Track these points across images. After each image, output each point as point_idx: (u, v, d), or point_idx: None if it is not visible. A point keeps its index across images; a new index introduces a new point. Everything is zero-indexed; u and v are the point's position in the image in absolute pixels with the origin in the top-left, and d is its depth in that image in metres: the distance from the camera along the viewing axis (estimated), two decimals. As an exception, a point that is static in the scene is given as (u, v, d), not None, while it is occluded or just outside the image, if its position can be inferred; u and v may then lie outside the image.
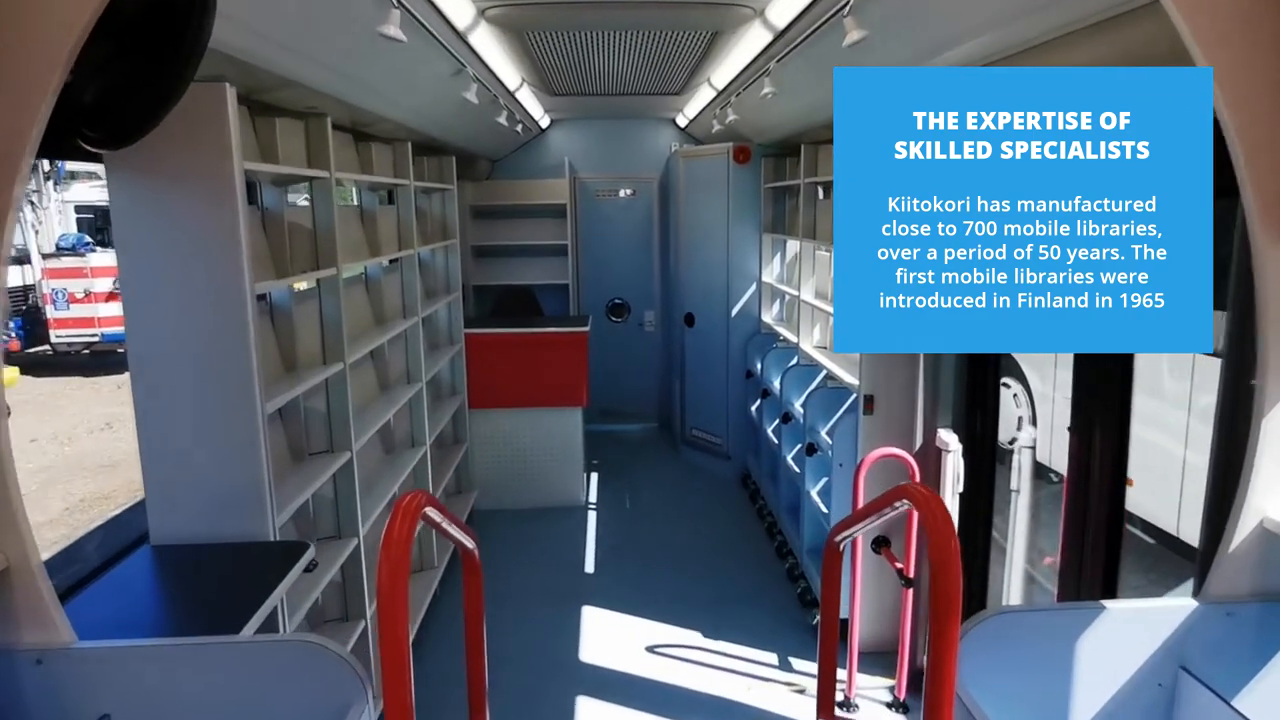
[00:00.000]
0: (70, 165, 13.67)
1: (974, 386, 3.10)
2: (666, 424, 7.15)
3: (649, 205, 6.97)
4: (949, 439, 3.11)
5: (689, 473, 6.05)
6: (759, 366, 5.32)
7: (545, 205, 6.75)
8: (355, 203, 3.94)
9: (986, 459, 3.06)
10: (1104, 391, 2.33)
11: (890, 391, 3.30)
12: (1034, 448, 4.21)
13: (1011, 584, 3.15)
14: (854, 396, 3.98)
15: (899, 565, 3.19)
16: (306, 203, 2.96)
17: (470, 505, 5.19)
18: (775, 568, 4.43)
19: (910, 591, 3.16)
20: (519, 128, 5.43)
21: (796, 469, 4.40)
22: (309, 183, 2.80)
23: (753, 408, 5.59)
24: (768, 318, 5.55)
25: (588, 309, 7.06)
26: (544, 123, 6.63)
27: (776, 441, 4.83)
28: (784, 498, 4.65)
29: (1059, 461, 4.75)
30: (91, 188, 14.16)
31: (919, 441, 3.26)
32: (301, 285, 3.16)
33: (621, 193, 6.98)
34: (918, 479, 3.07)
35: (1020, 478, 3.10)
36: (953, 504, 3.16)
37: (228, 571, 2.01)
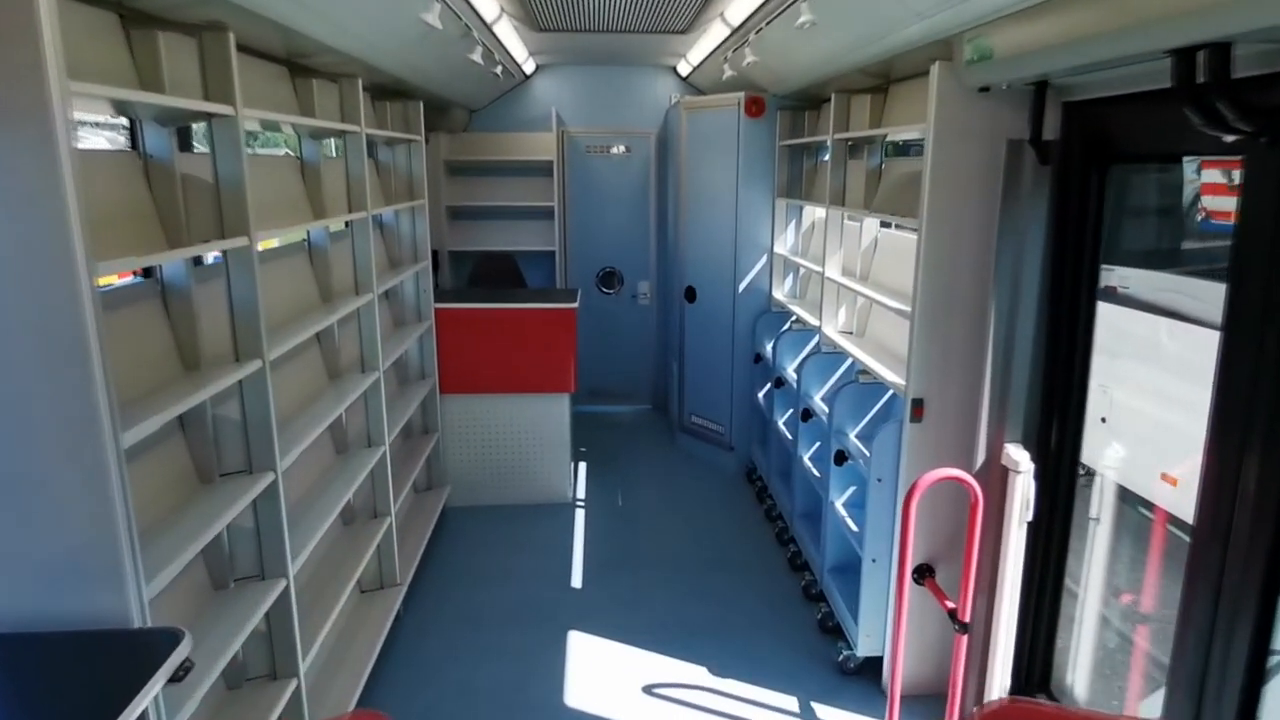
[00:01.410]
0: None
1: (1053, 390, 2.50)
2: (662, 407, 6.56)
3: (645, 163, 6.27)
4: (1019, 457, 2.53)
5: (687, 464, 5.48)
6: (769, 350, 4.71)
7: (530, 162, 6.05)
8: (296, 153, 3.23)
9: (1065, 482, 2.48)
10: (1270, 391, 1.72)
11: (946, 395, 2.70)
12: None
13: (1082, 633, 2.60)
14: (889, 394, 3.40)
15: (950, 605, 2.63)
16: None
17: (442, 502, 4.59)
18: (789, 584, 3.89)
19: (965, 638, 2.61)
20: (498, 70, 4.70)
21: (816, 473, 3.83)
22: (207, 123, 2.12)
23: (760, 394, 5.00)
24: (779, 294, 4.92)
25: (576, 279, 6.41)
26: (528, 68, 5.88)
27: (790, 437, 4.24)
28: (799, 502, 4.09)
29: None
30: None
31: (980, 458, 2.67)
32: (212, 256, 2.50)
33: (615, 149, 6.27)
34: (981, 505, 2.49)
35: (1101, 504, 2.53)
36: (1019, 535, 2.60)
37: (56, 681, 1.40)
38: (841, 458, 3.23)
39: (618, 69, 6.12)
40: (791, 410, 4.47)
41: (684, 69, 5.86)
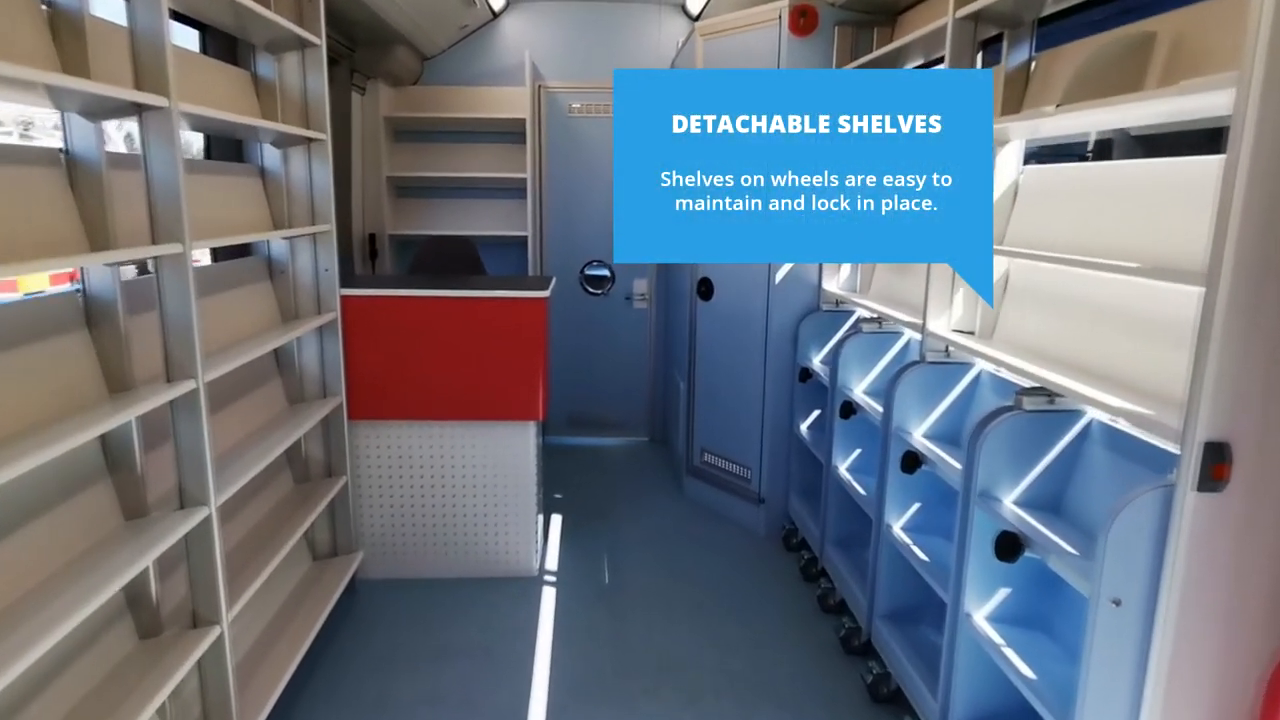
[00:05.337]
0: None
1: None
2: (663, 440, 5.14)
3: (645, 128, 4.91)
4: None
5: (699, 521, 4.02)
6: (823, 363, 3.31)
7: (497, 123, 4.70)
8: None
9: None
10: None
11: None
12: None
13: None
14: (1079, 428, 1.99)
15: None
16: None
17: (348, 576, 3.12)
18: (875, 731, 2.43)
19: None
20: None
21: (924, 556, 2.39)
22: None
23: (803, 425, 3.59)
24: (833, 285, 3.54)
25: (554, 274, 5.01)
26: (496, 1, 4.57)
27: (865, 494, 2.82)
28: (886, 596, 2.65)
29: None
30: None
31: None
32: None
33: (606, 109, 4.92)
34: None
35: None
36: None
37: None
38: (1014, 547, 1.79)
39: (610, 6, 4.81)
40: (860, 451, 3.07)
41: (694, 4, 4.55)
